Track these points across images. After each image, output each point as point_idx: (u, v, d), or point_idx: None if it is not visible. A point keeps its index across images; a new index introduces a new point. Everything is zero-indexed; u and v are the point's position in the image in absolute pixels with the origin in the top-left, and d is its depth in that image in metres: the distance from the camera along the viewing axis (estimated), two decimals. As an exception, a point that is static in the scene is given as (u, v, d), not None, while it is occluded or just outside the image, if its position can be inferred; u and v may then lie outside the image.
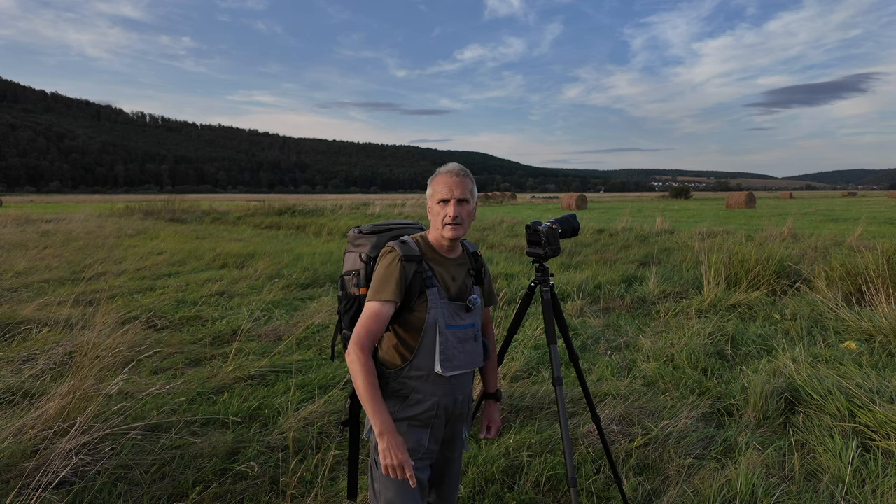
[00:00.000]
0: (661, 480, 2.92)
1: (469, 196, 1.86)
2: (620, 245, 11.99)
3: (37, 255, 10.97)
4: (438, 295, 1.84)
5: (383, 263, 1.83)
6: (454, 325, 1.86)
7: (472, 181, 1.90)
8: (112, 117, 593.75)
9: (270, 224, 21.23)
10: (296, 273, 8.95)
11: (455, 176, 1.85)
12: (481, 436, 2.14)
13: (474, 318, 1.92)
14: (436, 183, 1.88)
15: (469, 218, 1.87)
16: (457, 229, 1.83)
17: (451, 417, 1.95)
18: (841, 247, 9.90)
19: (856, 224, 15.39)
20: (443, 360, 1.84)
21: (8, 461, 2.76)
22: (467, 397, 2.01)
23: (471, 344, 1.93)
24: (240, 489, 2.82)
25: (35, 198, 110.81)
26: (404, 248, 1.84)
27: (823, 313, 5.80)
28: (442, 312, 1.83)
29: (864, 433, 3.22)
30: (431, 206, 1.89)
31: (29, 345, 4.80)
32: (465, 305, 1.88)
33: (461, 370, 1.90)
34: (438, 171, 1.90)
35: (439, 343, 1.83)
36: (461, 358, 1.89)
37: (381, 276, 1.81)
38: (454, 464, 2.05)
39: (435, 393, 1.87)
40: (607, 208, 36.66)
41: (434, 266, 1.88)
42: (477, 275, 2.00)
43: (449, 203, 1.83)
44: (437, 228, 1.87)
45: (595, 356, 4.94)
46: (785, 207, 34.72)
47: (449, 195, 1.83)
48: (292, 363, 4.60)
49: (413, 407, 1.85)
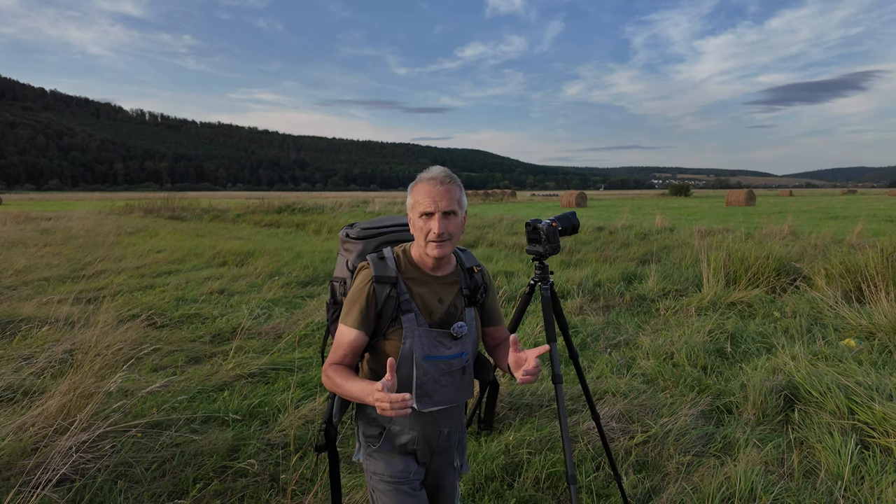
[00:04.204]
0: (661, 478, 2.93)
1: (457, 206, 1.59)
2: (620, 243, 11.99)
3: (37, 253, 10.97)
4: (416, 321, 1.62)
5: (356, 282, 1.66)
6: (436, 355, 1.63)
7: (460, 188, 1.63)
8: (111, 115, 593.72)
9: (270, 222, 21.23)
10: (296, 271, 8.95)
11: (439, 184, 1.57)
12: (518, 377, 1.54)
13: (464, 347, 1.68)
14: (417, 192, 1.60)
15: (458, 232, 1.62)
16: (443, 247, 1.59)
17: (437, 450, 1.77)
18: (841, 244, 9.90)
19: (855, 222, 15.39)
20: (420, 396, 1.63)
21: (8, 459, 2.76)
22: (456, 428, 1.81)
23: (456, 377, 1.69)
24: (240, 486, 2.82)
25: (35, 195, 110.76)
26: (378, 267, 1.63)
27: (823, 311, 5.80)
28: (420, 342, 1.61)
29: (863, 430, 3.23)
30: (413, 218, 1.61)
31: (29, 342, 4.80)
32: (450, 333, 1.65)
33: (443, 406, 1.68)
34: (420, 177, 1.62)
35: (416, 377, 1.62)
36: (443, 393, 1.67)
37: (350, 298, 1.64)
38: (445, 491, 1.86)
39: (414, 427, 1.69)
40: (607, 206, 36.66)
41: (414, 287, 1.65)
42: (471, 294, 1.73)
43: (433, 217, 1.57)
44: (421, 245, 1.63)
45: (595, 354, 4.94)
46: (785, 205, 34.72)
47: (432, 208, 1.56)
48: (292, 361, 4.61)
49: (394, 437, 1.70)
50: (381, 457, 1.71)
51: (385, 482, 1.69)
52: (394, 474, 1.69)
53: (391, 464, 1.69)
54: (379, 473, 1.70)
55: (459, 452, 1.86)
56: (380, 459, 1.71)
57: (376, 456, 1.72)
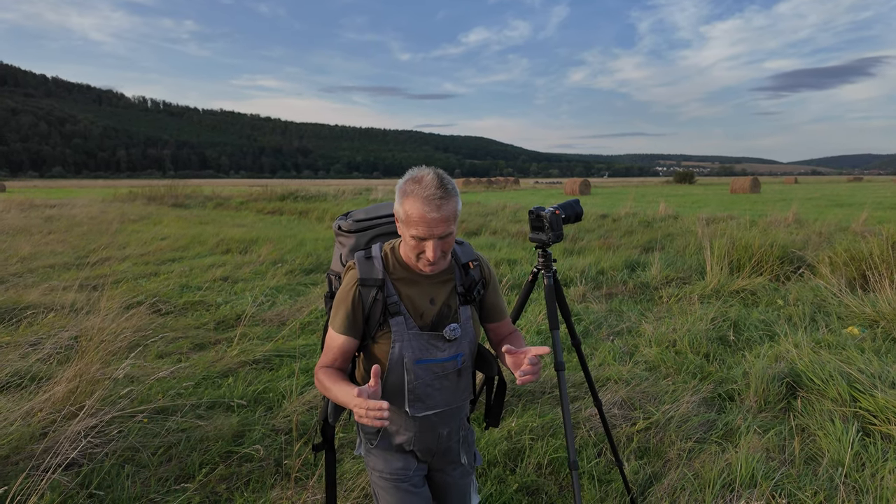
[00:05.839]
0: (662, 464, 2.95)
1: (453, 224, 1.45)
2: (624, 230, 11.95)
3: (41, 241, 11.01)
4: (406, 325, 1.54)
5: (343, 283, 1.59)
6: (428, 358, 1.56)
7: (456, 195, 1.46)
8: (113, 102, 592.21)
9: (273, 210, 21.22)
10: (299, 258, 8.97)
11: (435, 210, 1.39)
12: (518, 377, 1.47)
13: (459, 349, 1.60)
14: (409, 207, 1.43)
15: (452, 245, 1.51)
16: (436, 265, 1.50)
17: (438, 451, 1.72)
18: (845, 232, 9.85)
19: (861, 209, 15.30)
20: (412, 401, 1.58)
21: (17, 443, 2.80)
22: (456, 429, 1.74)
23: (451, 380, 1.62)
24: (245, 471, 2.85)
25: (38, 183, 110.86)
26: (364, 268, 1.55)
27: (827, 299, 5.79)
28: (410, 345, 1.54)
29: (864, 418, 3.24)
30: (402, 230, 1.48)
31: (35, 329, 4.84)
32: (443, 336, 1.57)
33: (437, 409, 1.63)
34: (412, 189, 1.43)
35: (407, 381, 1.56)
36: (437, 397, 1.61)
37: (336, 301, 1.58)
38: (456, 487, 1.79)
39: (410, 429, 1.64)
40: (611, 194, 36.49)
41: (403, 288, 1.56)
42: (467, 292, 1.63)
43: (426, 242, 1.44)
44: (410, 257, 1.52)
45: (597, 341, 4.96)
46: (790, 193, 34.50)
47: (427, 234, 1.42)
48: (296, 348, 4.64)
49: (390, 437, 1.67)
50: (380, 454, 1.70)
51: (385, 479, 1.68)
52: (393, 472, 1.67)
53: (390, 462, 1.68)
54: (378, 470, 1.69)
55: (465, 450, 1.80)
56: (379, 457, 1.70)
57: (375, 453, 1.71)
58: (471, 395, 1.73)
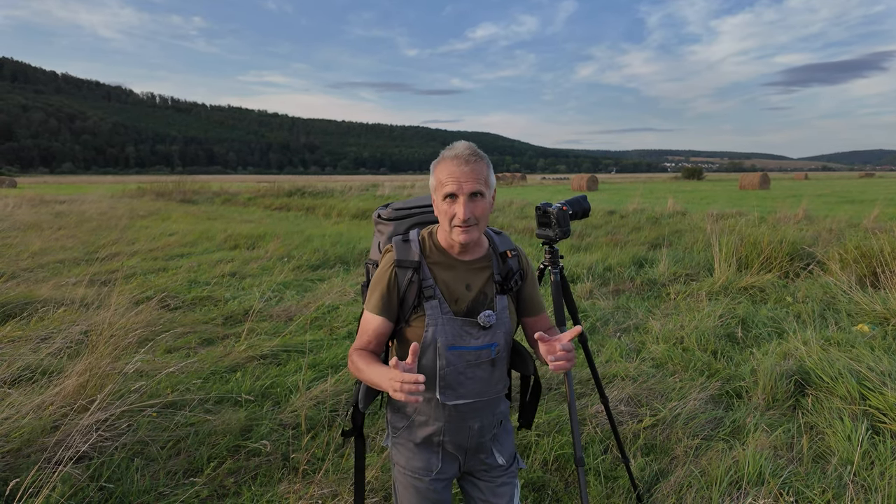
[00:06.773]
0: (669, 461, 2.94)
1: (483, 187, 1.46)
2: (631, 227, 11.90)
3: (51, 236, 11.11)
4: (440, 309, 1.52)
5: (380, 266, 1.60)
6: (461, 345, 1.53)
7: (488, 165, 1.50)
8: (122, 98, 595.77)
9: (280, 205, 21.31)
10: (306, 254, 9.00)
11: (464, 163, 1.44)
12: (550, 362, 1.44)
13: (494, 338, 1.56)
14: (440, 171, 1.48)
15: (485, 214, 1.50)
16: (469, 232, 1.48)
17: (469, 448, 1.65)
18: (856, 229, 9.75)
19: (872, 206, 15.12)
20: (443, 388, 1.55)
21: (29, 436, 2.84)
22: (489, 425, 1.65)
23: (484, 369, 1.58)
24: (253, 465, 2.88)
25: (48, 179, 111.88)
26: (401, 251, 1.55)
27: (836, 296, 5.74)
28: (444, 330, 1.52)
29: (874, 416, 3.21)
30: (437, 200, 1.51)
31: (46, 324, 4.89)
32: (477, 322, 1.54)
33: (468, 399, 1.57)
34: (443, 154, 1.50)
35: (439, 367, 1.53)
36: (469, 385, 1.56)
37: (373, 283, 1.59)
38: (493, 493, 1.68)
39: (439, 419, 1.59)
40: (618, 190, 36.30)
41: (439, 272, 1.55)
42: (504, 281, 1.61)
43: (457, 200, 1.45)
44: (446, 229, 1.52)
45: (604, 338, 4.94)
46: (799, 189, 34.18)
47: (457, 189, 1.44)
48: (304, 343, 4.66)
49: (418, 428, 1.62)
50: (404, 448, 1.67)
51: (404, 475, 1.66)
52: (413, 469, 1.65)
53: (412, 458, 1.65)
54: (400, 465, 1.68)
55: (499, 449, 1.71)
56: (403, 450, 1.67)
57: (399, 447, 1.68)
58: (505, 388, 1.68)
